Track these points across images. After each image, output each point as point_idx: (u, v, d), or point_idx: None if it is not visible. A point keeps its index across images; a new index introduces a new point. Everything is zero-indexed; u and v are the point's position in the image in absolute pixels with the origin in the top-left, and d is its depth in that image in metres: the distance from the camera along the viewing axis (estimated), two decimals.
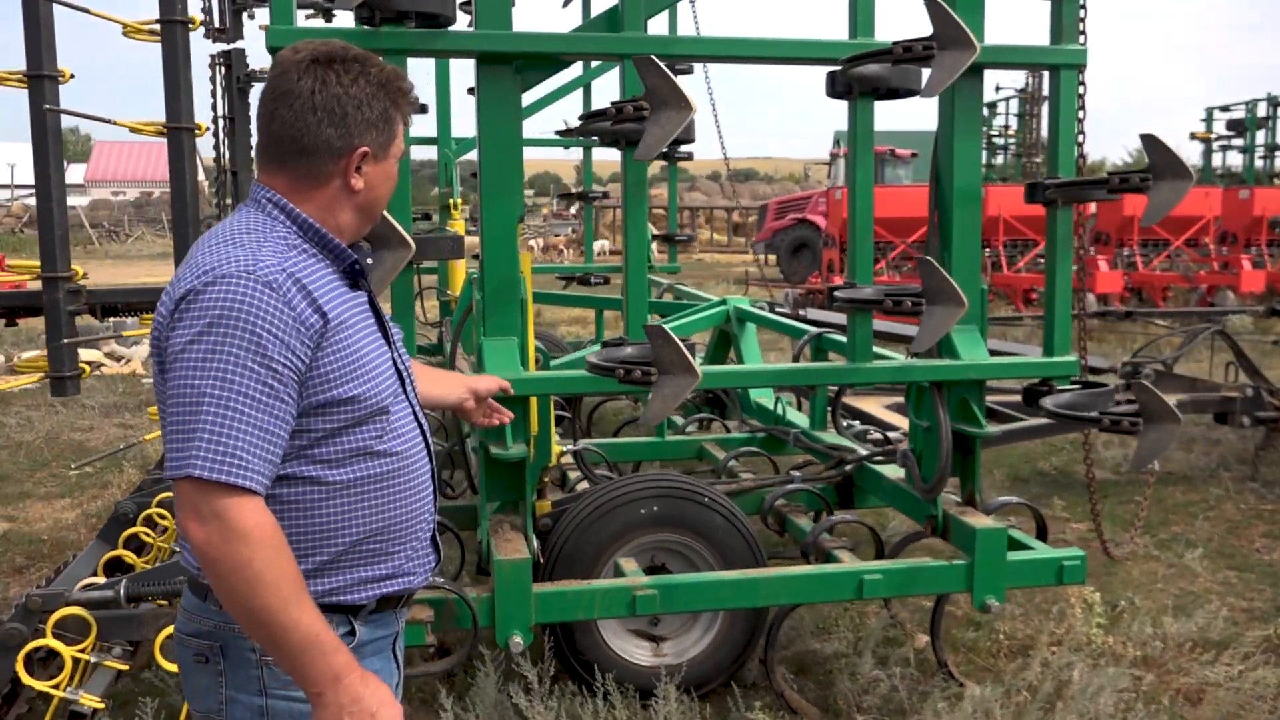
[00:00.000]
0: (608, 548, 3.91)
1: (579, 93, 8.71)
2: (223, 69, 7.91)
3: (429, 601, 3.37)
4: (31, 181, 4.17)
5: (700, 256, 34.39)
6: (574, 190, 9.41)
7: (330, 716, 1.68)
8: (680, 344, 2.95)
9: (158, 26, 3.68)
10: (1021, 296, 16.25)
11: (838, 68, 3.49)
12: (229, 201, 8.42)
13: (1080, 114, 3.79)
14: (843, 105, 3.58)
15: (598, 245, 29.91)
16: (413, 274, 8.39)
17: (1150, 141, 3.17)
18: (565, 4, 9.04)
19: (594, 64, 8.63)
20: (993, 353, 3.89)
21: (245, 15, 6.87)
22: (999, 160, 26.62)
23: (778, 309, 6.18)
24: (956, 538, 3.83)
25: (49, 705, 3.20)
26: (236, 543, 1.61)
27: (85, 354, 11.52)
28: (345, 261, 1.86)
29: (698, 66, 8.48)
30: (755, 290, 20.13)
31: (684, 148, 9.15)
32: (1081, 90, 3.90)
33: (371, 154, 1.84)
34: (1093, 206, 17.82)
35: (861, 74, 3.38)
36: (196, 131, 3.89)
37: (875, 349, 3.78)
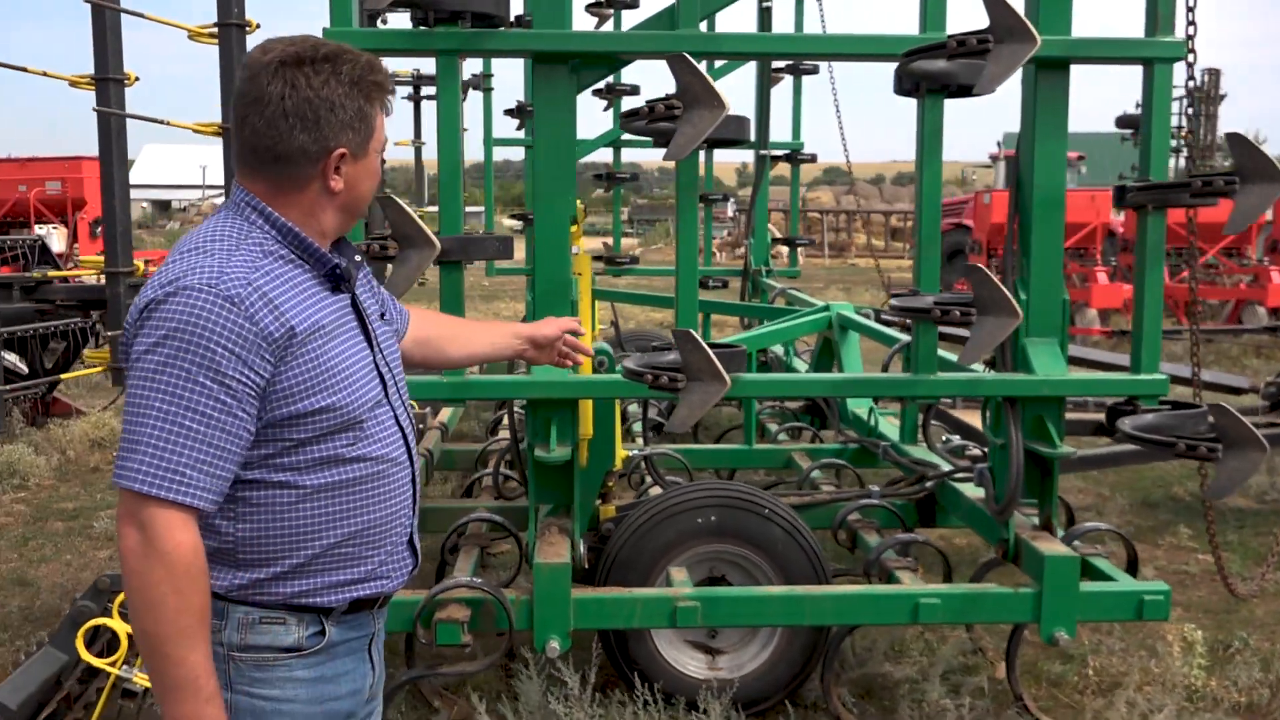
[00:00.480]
0: (663, 556, 3.84)
1: None
2: (437, 79, 8.16)
3: (466, 601, 3.38)
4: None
5: (855, 261, 33.75)
6: (703, 194, 9.33)
7: None
8: (709, 350, 2.86)
9: (216, 30, 3.82)
10: (1184, 309, 15.27)
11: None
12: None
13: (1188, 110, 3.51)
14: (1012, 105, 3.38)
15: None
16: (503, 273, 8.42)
17: (1237, 141, 2.89)
18: None
19: (718, 64, 8.58)
20: (1076, 363, 3.64)
21: None
22: (1176, 163, 25.14)
23: (884, 315, 5.95)
24: (1027, 564, 3.60)
25: (105, 682, 3.35)
26: (154, 560, 1.61)
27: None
28: (325, 267, 1.82)
29: (822, 65, 8.31)
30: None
31: (806, 149, 9.03)
32: (1192, 83, 3.63)
33: (349, 154, 1.80)
34: (1269, 213, 16.48)
35: (924, 70, 3.21)
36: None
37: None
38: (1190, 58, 3.39)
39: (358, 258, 1.93)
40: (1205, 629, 4.43)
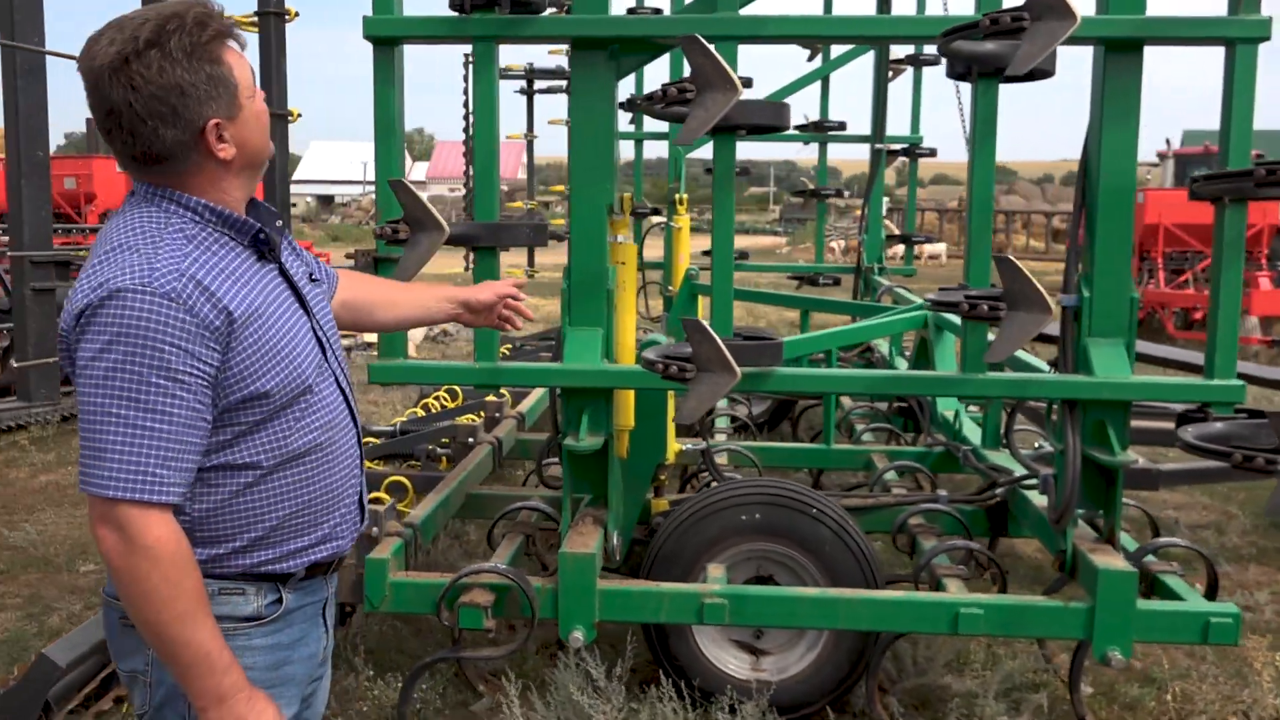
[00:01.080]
0: (706, 552, 3.76)
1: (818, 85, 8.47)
2: (473, 66, 8.28)
3: (491, 587, 3.39)
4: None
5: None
6: (810, 187, 9.15)
7: None
8: (719, 341, 2.79)
9: (256, 19, 3.92)
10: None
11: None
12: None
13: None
14: (1194, 103, 3.21)
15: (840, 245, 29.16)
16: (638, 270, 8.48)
17: None
18: None
19: (833, 55, 8.38)
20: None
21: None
22: None
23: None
24: (1082, 577, 3.38)
25: None
26: (138, 556, 1.64)
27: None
28: (248, 234, 1.81)
29: None
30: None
31: (925, 143, 8.72)
32: None
33: (224, 121, 1.75)
34: None
35: (971, 51, 3.04)
36: (290, 118, 4.11)
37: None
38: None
39: (278, 223, 1.91)
40: None
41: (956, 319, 5.36)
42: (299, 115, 4.41)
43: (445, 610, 3.34)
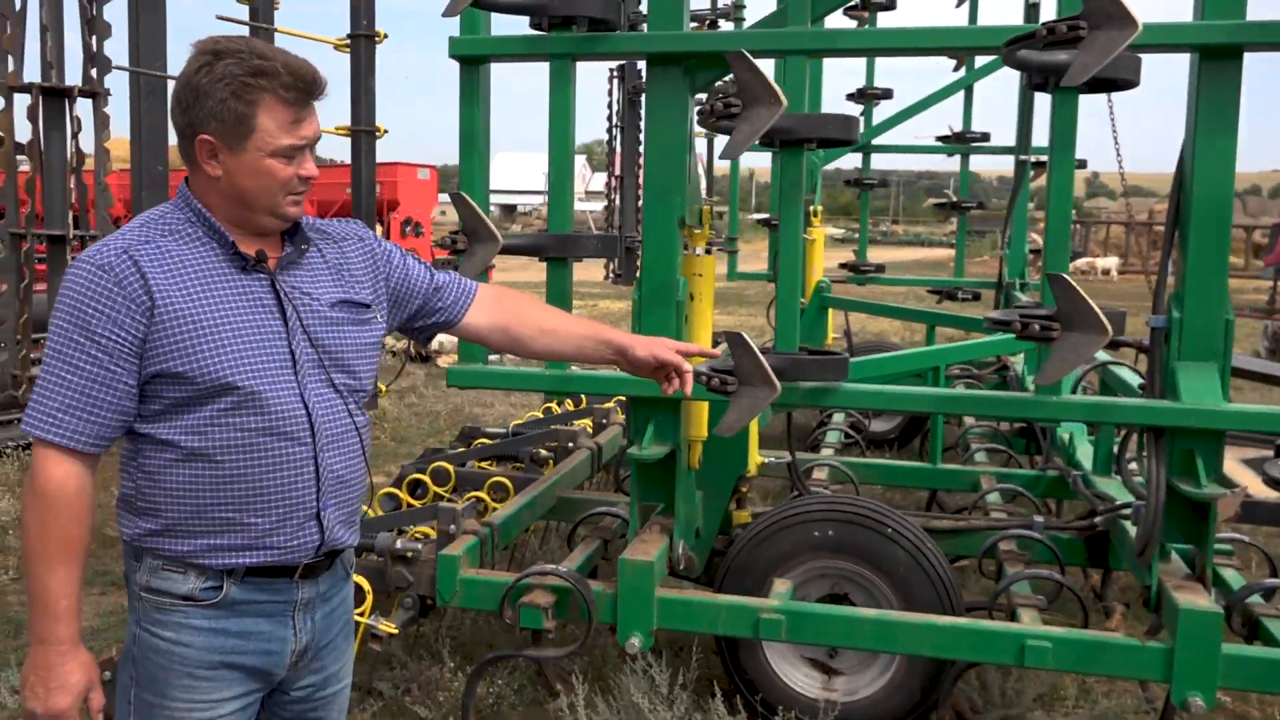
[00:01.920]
0: (777, 567, 3.75)
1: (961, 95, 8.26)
2: (617, 80, 8.47)
3: (553, 588, 3.47)
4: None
5: None
6: (951, 199, 8.91)
7: (26, 667, 1.90)
8: (759, 354, 2.78)
9: (349, 41, 4.12)
10: None
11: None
12: (617, 201, 8.97)
13: None
14: None
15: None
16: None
17: None
18: (958, 4, 8.61)
19: (977, 65, 8.15)
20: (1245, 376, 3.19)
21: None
22: None
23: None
24: (1166, 615, 3.19)
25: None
26: (34, 493, 1.85)
27: None
28: (227, 247, 1.94)
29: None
30: (1251, 320, 17.51)
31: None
32: None
33: (219, 144, 1.89)
34: None
35: (1040, 62, 2.93)
36: (376, 133, 4.29)
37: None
38: None
39: (307, 247, 2.04)
40: None
41: None
42: (385, 132, 4.64)
43: (508, 608, 3.44)
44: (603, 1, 3.32)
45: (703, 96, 4.10)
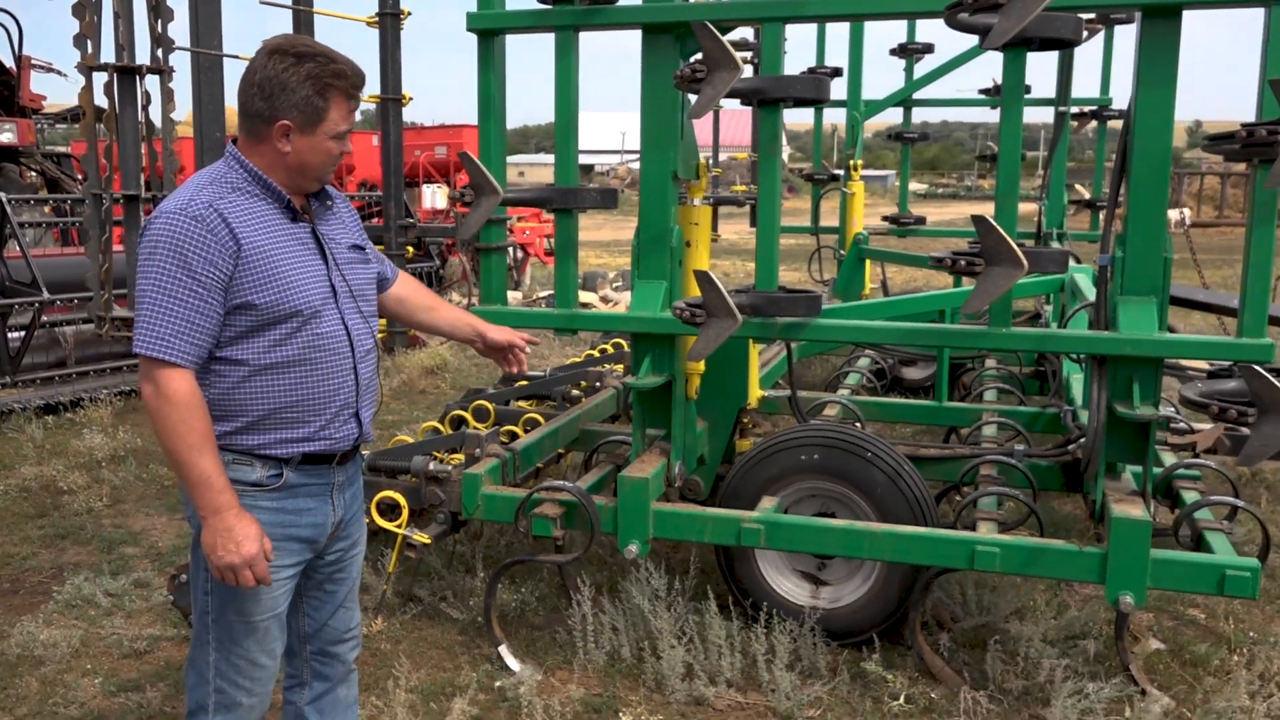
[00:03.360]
0: (767, 487, 4.15)
1: None
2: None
3: (562, 502, 3.93)
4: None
5: None
6: (993, 150, 9.07)
7: (209, 536, 2.33)
8: (724, 291, 3.18)
9: (377, 19, 4.56)
10: None
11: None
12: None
13: None
14: None
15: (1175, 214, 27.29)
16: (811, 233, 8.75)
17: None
18: None
19: None
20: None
21: None
22: None
23: None
24: (1106, 524, 3.53)
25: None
26: (161, 401, 2.30)
27: (584, 295, 13.44)
28: (282, 202, 2.44)
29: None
30: None
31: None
32: None
33: (295, 128, 2.35)
34: None
35: (974, 24, 3.24)
36: (402, 100, 4.74)
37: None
38: None
39: (330, 203, 2.54)
40: None
41: (1086, 283, 5.43)
42: (410, 99, 5.17)
43: (522, 519, 3.92)
44: None
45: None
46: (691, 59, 3.33)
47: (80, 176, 13.51)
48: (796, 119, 14.88)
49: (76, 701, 3.76)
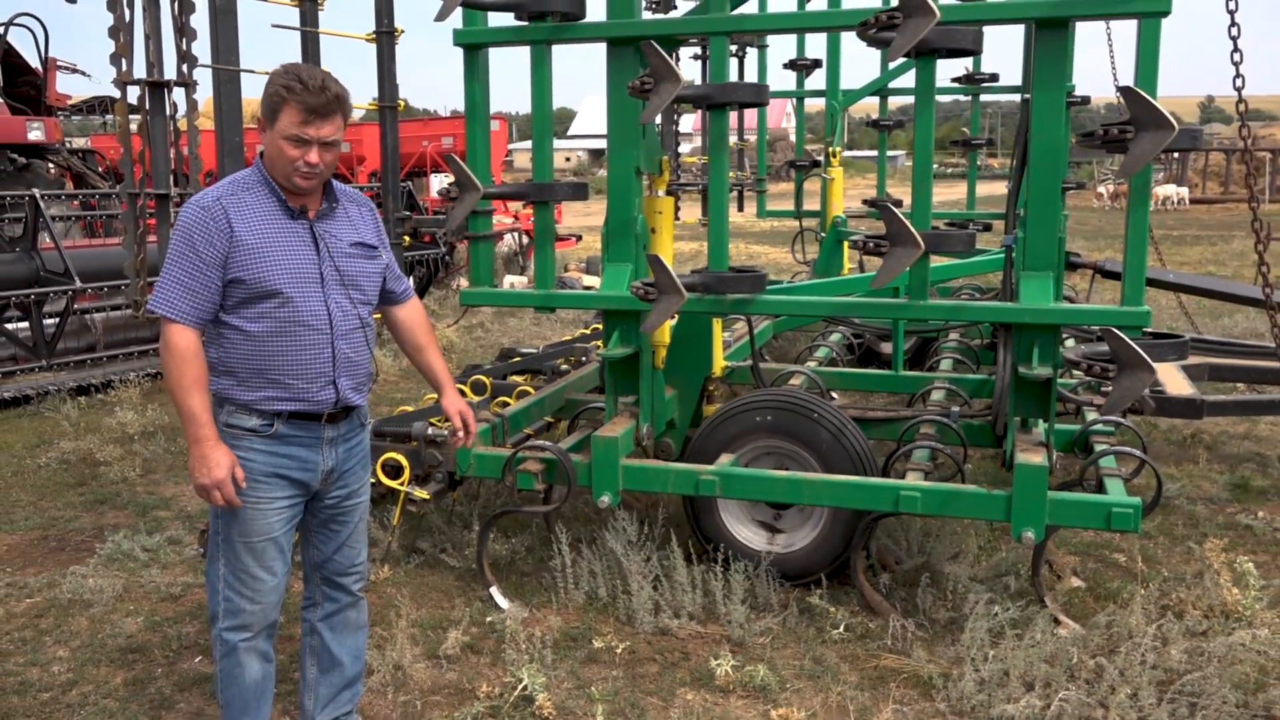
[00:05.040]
0: (726, 446, 4.68)
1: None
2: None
3: (543, 459, 4.47)
4: None
5: None
6: (967, 138, 9.55)
7: (191, 461, 2.89)
8: (670, 269, 3.70)
9: (375, 36, 5.10)
10: None
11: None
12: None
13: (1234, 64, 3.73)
14: None
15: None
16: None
17: (1130, 95, 3.22)
18: None
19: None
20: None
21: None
22: None
23: (1102, 265, 6.09)
24: (1012, 470, 4.05)
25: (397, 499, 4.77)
26: (166, 351, 2.89)
27: (586, 279, 13.98)
28: (279, 199, 2.96)
29: None
30: None
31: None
32: (1235, 32, 3.82)
33: (265, 123, 2.88)
34: None
35: (880, 40, 3.74)
36: (398, 108, 5.31)
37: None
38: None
39: (337, 205, 3.06)
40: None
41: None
42: (405, 105, 5.76)
43: (508, 474, 4.46)
44: None
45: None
46: (642, 72, 3.85)
47: (101, 170, 14.16)
48: (810, 104, 15.38)
49: (123, 634, 4.34)
